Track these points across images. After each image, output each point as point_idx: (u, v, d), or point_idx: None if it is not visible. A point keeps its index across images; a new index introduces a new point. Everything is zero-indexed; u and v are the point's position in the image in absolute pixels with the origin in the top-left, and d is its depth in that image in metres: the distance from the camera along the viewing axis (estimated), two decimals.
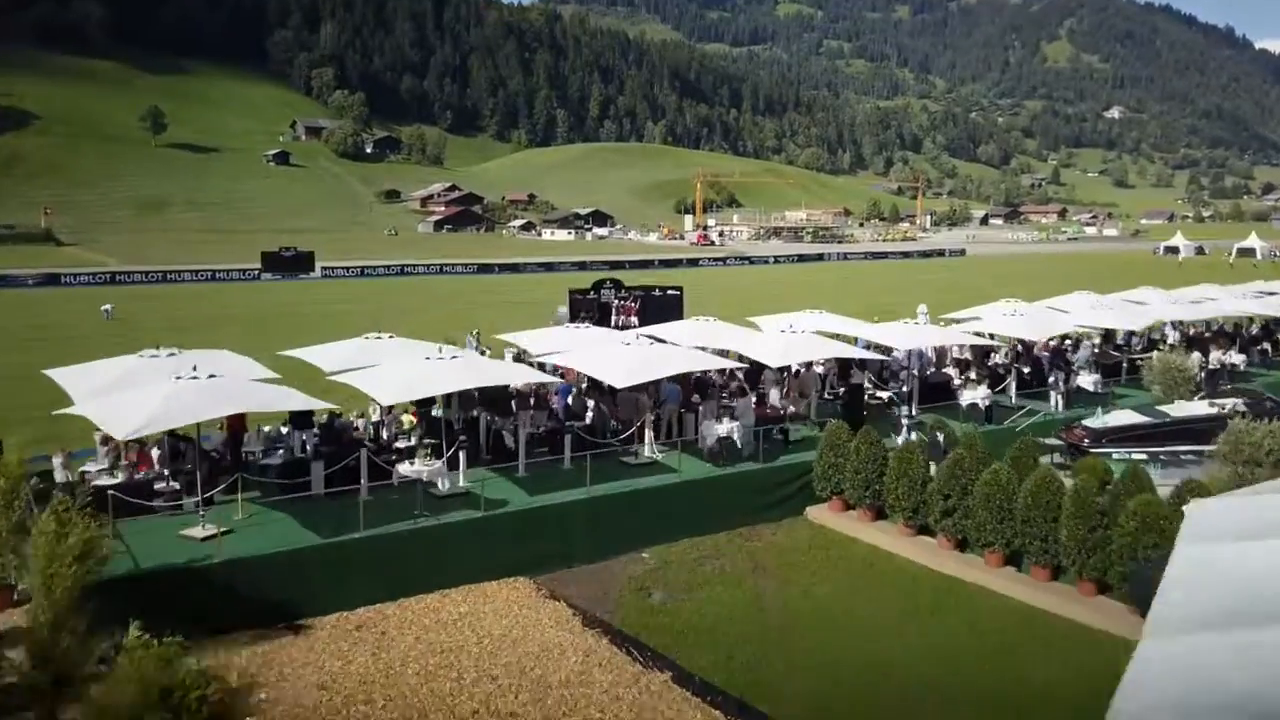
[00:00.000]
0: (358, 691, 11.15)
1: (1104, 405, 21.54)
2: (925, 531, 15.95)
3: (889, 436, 18.16)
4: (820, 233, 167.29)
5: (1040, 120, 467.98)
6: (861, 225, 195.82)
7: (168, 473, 15.49)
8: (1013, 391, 23.15)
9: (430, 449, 15.66)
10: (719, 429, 17.88)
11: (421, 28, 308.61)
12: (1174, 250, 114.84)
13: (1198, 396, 21.50)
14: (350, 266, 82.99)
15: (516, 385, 18.62)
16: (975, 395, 21.58)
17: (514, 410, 18.34)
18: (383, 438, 18.11)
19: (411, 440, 16.90)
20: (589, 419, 18.71)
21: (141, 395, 13.64)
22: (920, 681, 11.60)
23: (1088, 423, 19.34)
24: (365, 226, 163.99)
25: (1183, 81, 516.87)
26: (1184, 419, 19.07)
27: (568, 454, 17.30)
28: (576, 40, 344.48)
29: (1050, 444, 18.87)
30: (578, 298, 30.80)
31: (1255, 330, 32.42)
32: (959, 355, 25.57)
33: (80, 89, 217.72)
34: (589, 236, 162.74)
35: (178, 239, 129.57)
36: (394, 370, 16.26)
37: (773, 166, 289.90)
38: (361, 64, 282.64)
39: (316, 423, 17.32)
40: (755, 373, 21.46)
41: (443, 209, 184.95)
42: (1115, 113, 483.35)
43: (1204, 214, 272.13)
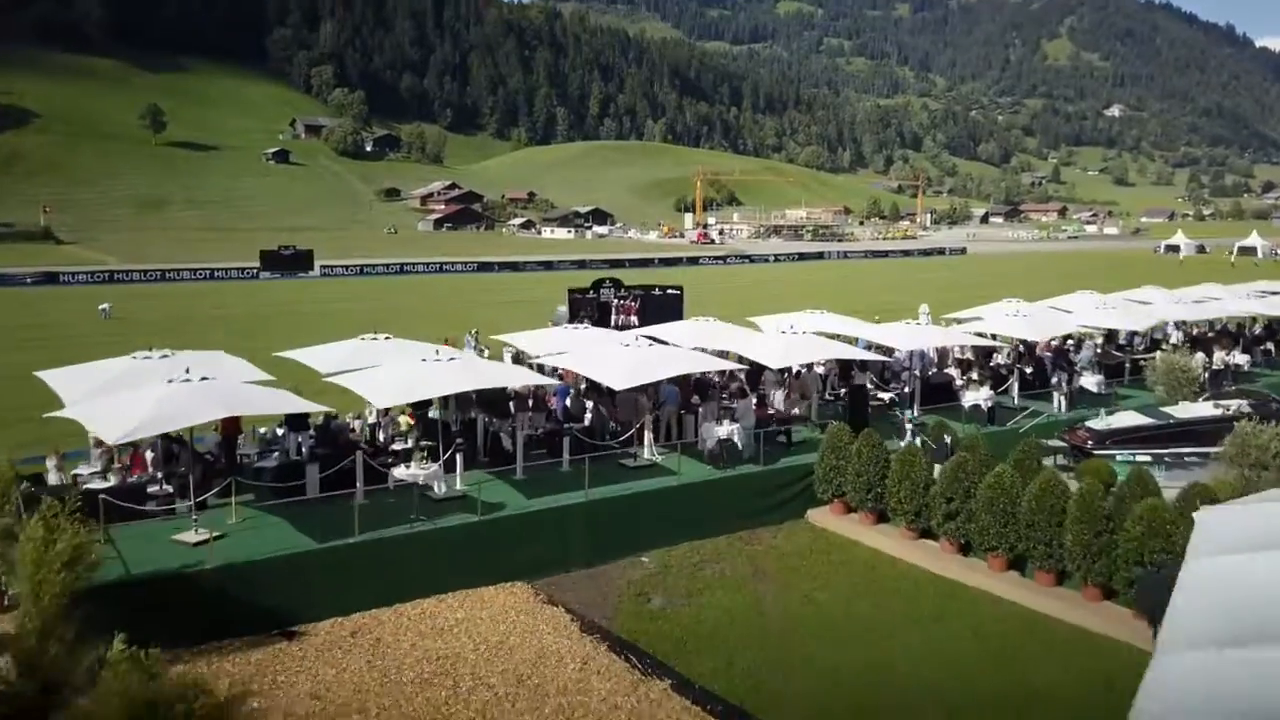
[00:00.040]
0: (352, 700, 10.99)
1: (1108, 406, 21.39)
2: (928, 535, 15.79)
3: (891, 438, 17.99)
4: (820, 231, 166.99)
5: (1040, 118, 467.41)
6: (861, 224, 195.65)
7: (161, 476, 15.34)
8: (1015, 392, 22.99)
9: (427, 451, 15.52)
10: (719, 431, 17.73)
11: (421, 26, 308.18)
12: (1175, 249, 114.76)
13: (1202, 397, 21.38)
14: (349, 265, 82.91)
15: (514, 387, 18.44)
16: (978, 396, 21.41)
17: (512, 412, 18.17)
18: (379, 440, 17.95)
19: (408, 442, 16.74)
20: (588, 421, 18.58)
21: (133, 398, 13.46)
22: (923, 687, 11.46)
23: (1091, 424, 19.17)
24: (365, 225, 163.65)
25: (1183, 80, 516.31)
26: (1188, 421, 18.92)
27: (566, 456, 17.14)
28: (576, 38, 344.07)
29: (1053, 445, 18.74)
30: (577, 297, 30.57)
31: (1258, 330, 32.22)
32: (961, 356, 25.40)
33: (80, 87, 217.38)
34: (589, 235, 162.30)
35: (177, 237, 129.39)
36: (390, 372, 16.07)
37: (773, 165, 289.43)
38: (361, 62, 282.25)
39: (312, 424, 17.15)
40: (755, 374, 21.27)
41: (442, 207, 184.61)
42: (1115, 111, 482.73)
43: (1204, 212, 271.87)
